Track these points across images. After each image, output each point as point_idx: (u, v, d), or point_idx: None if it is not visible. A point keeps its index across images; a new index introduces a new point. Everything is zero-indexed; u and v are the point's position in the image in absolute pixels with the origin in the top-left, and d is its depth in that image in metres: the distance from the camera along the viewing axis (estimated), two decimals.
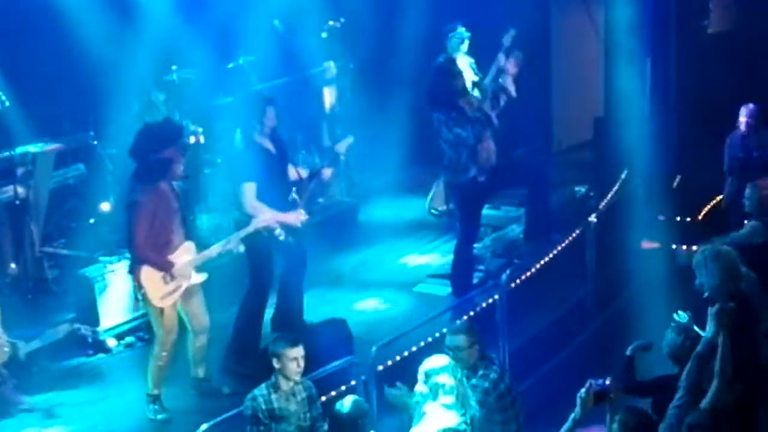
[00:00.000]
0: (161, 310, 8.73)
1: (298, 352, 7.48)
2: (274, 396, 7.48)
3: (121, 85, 12.31)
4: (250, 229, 9.08)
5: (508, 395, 7.61)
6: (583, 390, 6.54)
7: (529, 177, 10.87)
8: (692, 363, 6.69)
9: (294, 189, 9.53)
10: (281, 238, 9.30)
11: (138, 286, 8.72)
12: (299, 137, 13.63)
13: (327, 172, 9.86)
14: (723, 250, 7.11)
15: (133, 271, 8.76)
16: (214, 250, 8.96)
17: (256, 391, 7.51)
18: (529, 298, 10.58)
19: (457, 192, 10.67)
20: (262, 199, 9.24)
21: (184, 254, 8.77)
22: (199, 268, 8.94)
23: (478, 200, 10.62)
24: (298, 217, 9.36)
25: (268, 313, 9.87)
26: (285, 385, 7.51)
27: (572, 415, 6.54)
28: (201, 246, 9.09)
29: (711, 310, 6.80)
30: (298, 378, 7.55)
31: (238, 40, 13.30)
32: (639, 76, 13.28)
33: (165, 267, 8.61)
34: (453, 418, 6.90)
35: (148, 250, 8.57)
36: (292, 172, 9.69)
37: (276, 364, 7.48)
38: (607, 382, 6.59)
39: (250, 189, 9.23)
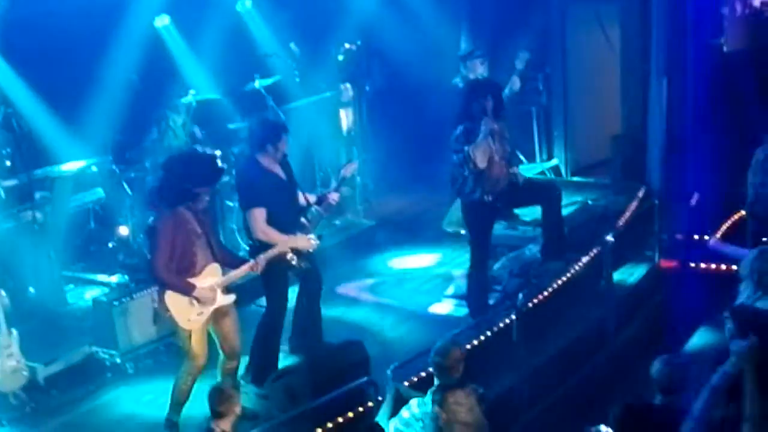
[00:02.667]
0: (189, 334, 8.70)
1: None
2: None
3: (140, 110, 12.39)
4: (270, 254, 9.07)
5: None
6: None
7: (542, 195, 10.88)
8: (709, 395, 6.51)
9: (303, 214, 9.56)
10: (293, 263, 9.30)
11: (165, 310, 8.69)
12: (316, 160, 13.67)
13: (334, 197, 9.79)
14: None
15: (159, 296, 8.77)
16: (238, 272, 8.92)
17: None
18: (547, 318, 10.57)
19: (466, 211, 10.70)
20: (273, 224, 9.25)
21: (209, 276, 8.74)
22: (228, 290, 8.91)
23: (487, 220, 10.62)
24: (308, 242, 9.36)
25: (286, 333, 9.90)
26: None
27: None
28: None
29: (733, 346, 6.71)
30: None
31: (254, 63, 13.36)
32: (656, 95, 13.25)
33: (186, 291, 8.58)
34: None
35: (168, 275, 8.57)
36: (301, 198, 9.69)
37: None
38: (602, 428, 6.55)
39: (260, 214, 9.24)
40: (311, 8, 14.16)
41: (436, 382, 7.66)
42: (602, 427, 6.63)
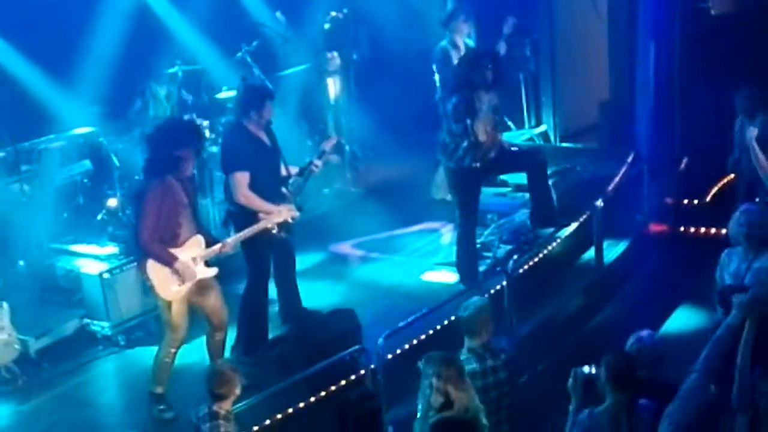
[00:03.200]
0: (170, 304, 8.67)
1: None
2: None
3: (124, 81, 12.34)
4: (257, 228, 9.06)
5: (506, 384, 7.58)
6: (570, 379, 6.57)
7: (527, 162, 10.85)
8: (711, 347, 6.56)
9: (284, 184, 9.52)
10: (274, 232, 9.25)
11: (146, 279, 8.69)
12: (305, 128, 13.64)
13: (316, 165, 9.72)
14: None
15: (140, 263, 8.76)
16: (216, 248, 8.84)
17: None
18: (537, 284, 10.59)
19: (453, 177, 10.65)
20: (255, 190, 9.20)
21: (192, 248, 8.70)
22: (210, 263, 8.87)
23: (474, 186, 10.58)
24: (290, 212, 9.33)
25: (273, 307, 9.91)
26: None
27: (570, 407, 6.57)
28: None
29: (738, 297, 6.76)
30: None
31: (240, 32, 13.30)
32: (643, 60, 13.24)
33: (168, 261, 8.52)
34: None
35: (153, 244, 8.52)
36: (282, 169, 9.62)
37: None
38: (593, 370, 6.59)
39: (242, 178, 9.18)
40: None
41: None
42: (586, 368, 6.70)
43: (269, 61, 13.45)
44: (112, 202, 11.68)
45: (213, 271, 8.86)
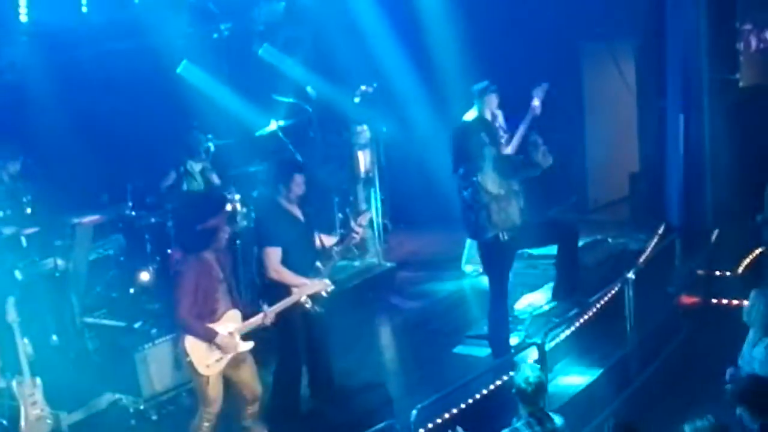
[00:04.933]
0: (207, 380, 8.69)
1: None
2: None
3: (157, 156, 12.44)
4: (291, 300, 9.08)
5: None
6: None
7: (559, 234, 10.84)
8: None
9: (319, 258, 9.55)
10: (307, 306, 9.28)
11: (184, 355, 8.71)
12: (335, 201, 13.70)
13: (354, 237, 9.74)
14: None
15: (178, 339, 8.78)
16: (256, 320, 8.91)
17: None
18: (571, 356, 10.54)
19: (482, 250, 10.65)
20: (287, 265, 9.23)
21: (229, 322, 8.76)
22: (246, 337, 8.90)
23: (504, 258, 10.49)
24: (324, 285, 9.35)
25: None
26: None
27: None
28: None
29: None
30: None
31: (272, 107, 13.42)
32: (673, 131, 13.27)
33: (208, 336, 8.59)
34: None
35: (191, 320, 8.58)
36: (317, 241, 9.66)
37: None
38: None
39: (274, 254, 9.22)
40: (326, 51, 14.23)
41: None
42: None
43: (299, 135, 13.55)
44: (144, 276, 11.74)
45: (250, 344, 8.88)
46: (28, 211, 11.21)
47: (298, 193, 9.46)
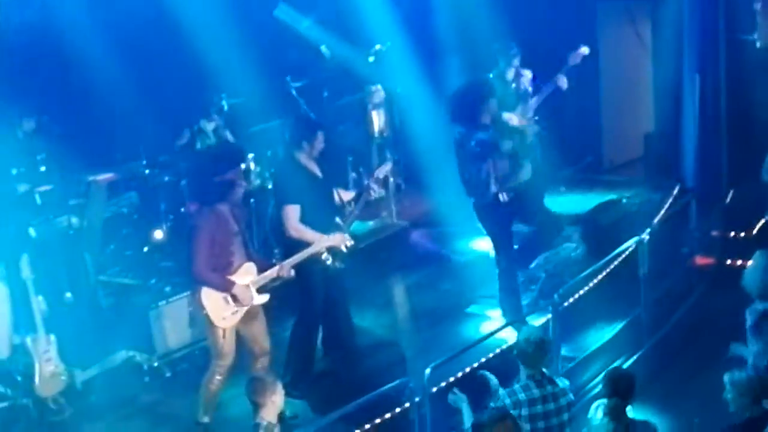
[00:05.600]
0: (223, 333, 8.71)
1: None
2: None
3: (171, 114, 12.43)
4: (306, 254, 9.08)
5: (566, 411, 7.51)
6: None
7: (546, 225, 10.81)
8: None
9: (338, 213, 9.54)
10: (328, 262, 9.28)
11: (200, 307, 8.74)
12: (349, 161, 13.68)
13: (372, 191, 9.76)
14: None
15: (194, 292, 8.80)
16: (272, 272, 8.92)
17: None
18: (583, 316, 10.53)
19: (482, 214, 10.49)
20: (307, 222, 9.22)
21: (245, 275, 8.77)
22: (261, 290, 8.92)
23: (505, 219, 10.41)
24: (343, 240, 9.35)
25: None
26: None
27: None
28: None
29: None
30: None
31: (286, 65, 13.38)
32: (688, 92, 13.20)
33: (225, 287, 8.61)
34: None
35: (208, 272, 8.60)
36: (336, 197, 9.65)
37: None
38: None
39: (293, 211, 9.20)
40: (341, 10, 14.15)
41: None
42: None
43: (313, 95, 13.52)
44: (158, 235, 11.76)
45: (265, 297, 8.91)
46: (43, 168, 11.23)
47: (319, 149, 9.44)
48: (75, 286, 11.25)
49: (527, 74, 12.35)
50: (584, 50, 12.00)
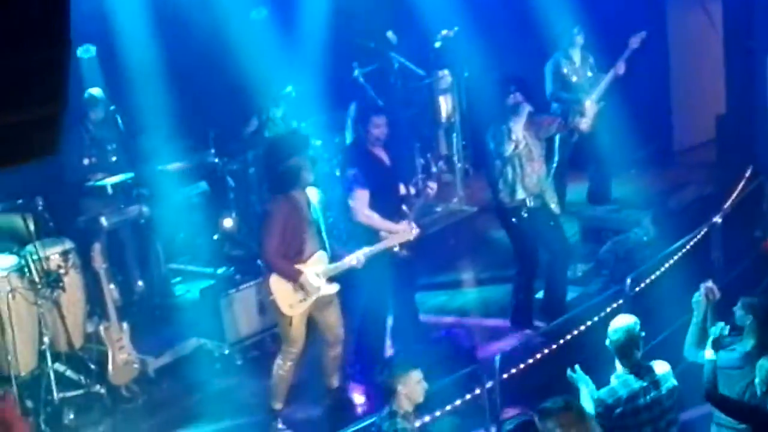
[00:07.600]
0: (291, 320, 8.73)
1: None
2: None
3: (239, 102, 12.48)
4: (383, 246, 9.05)
5: (669, 398, 7.41)
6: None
7: (555, 240, 10.51)
8: None
9: (404, 201, 9.49)
10: (396, 250, 9.24)
11: (268, 293, 8.77)
12: (416, 147, 13.65)
13: (432, 187, 9.58)
14: None
15: (264, 278, 8.84)
16: (345, 262, 8.91)
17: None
18: (654, 302, 10.42)
19: (507, 218, 10.27)
20: (373, 209, 9.20)
21: (316, 264, 8.78)
22: (332, 279, 8.92)
23: (529, 225, 10.17)
24: (409, 229, 9.28)
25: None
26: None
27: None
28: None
29: None
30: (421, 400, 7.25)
31: (352, 52, 13.36)
32: (761, 73, 13.00)
33: (293, 276, 8.62)
34: None
35: (277, 259, 8.63)
36: (401, 188, 9.62)
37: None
38: None
39: (363, 196, 9.19)
40: None
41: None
42: None
43: (381, 81, 13.49)
44: (228, 223, 11.82)
45: (335, 287, 8.91)
46: (113, 159, 11.32)
47: (377, 135, 9.40)
48: (146, 274, 11.37)
49: (590, 58, 12.29)
50: (642, 34, 11.90)
